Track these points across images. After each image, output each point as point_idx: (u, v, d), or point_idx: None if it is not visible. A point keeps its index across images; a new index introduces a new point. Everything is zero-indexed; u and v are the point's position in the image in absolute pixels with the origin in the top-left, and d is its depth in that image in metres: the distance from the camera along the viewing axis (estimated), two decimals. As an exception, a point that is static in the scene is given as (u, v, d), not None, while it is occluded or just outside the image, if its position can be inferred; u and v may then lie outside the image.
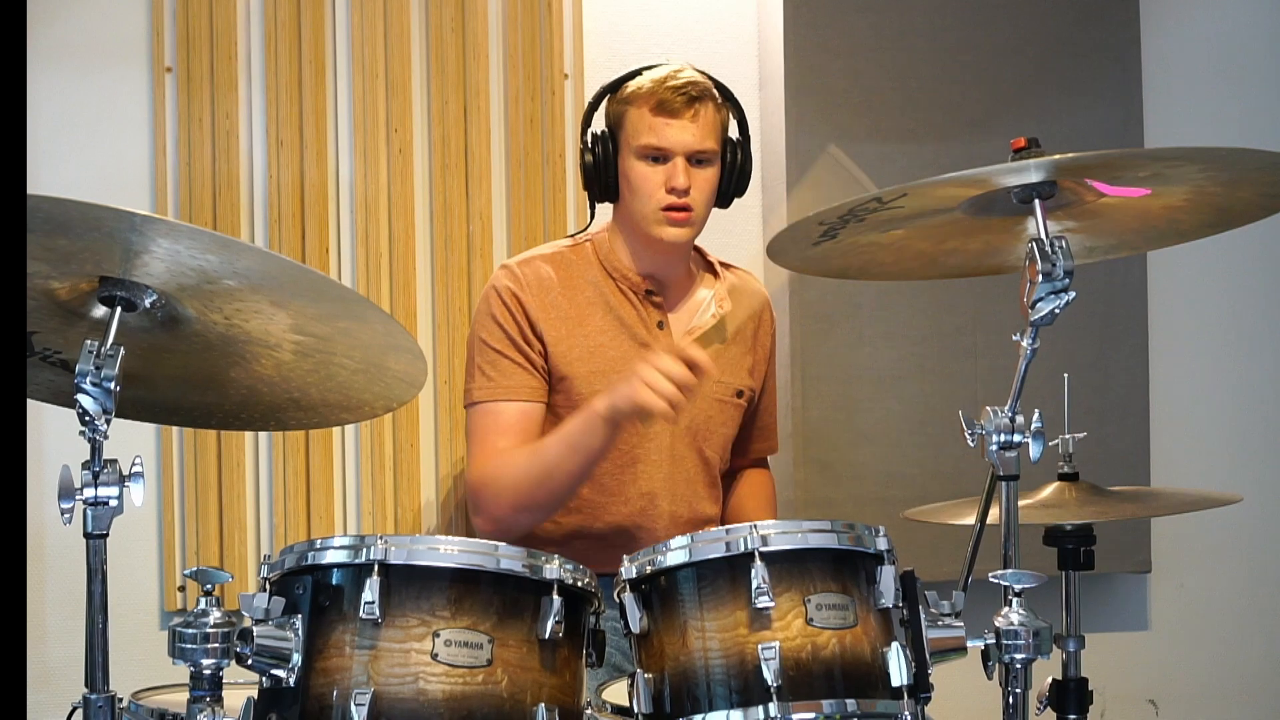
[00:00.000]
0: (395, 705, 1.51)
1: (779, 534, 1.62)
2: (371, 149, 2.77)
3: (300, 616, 1.55)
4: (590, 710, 1.65)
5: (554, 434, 2.23)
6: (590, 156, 2.34)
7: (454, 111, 2.80)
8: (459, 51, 2.81)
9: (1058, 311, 1.71)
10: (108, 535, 1.59)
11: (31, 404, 1.85)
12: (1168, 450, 3.11)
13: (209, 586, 1.54)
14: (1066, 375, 2.22)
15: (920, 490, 2.59)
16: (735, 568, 1.61)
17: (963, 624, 1.70)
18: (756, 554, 1.59)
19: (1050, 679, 2.16)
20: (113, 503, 1.58)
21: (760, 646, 1.56)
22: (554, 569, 1.60)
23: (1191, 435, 3.20)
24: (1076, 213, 1.90)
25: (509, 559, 1.58)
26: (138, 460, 1.60)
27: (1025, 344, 1.76)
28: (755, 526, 1.62)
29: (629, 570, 1.67)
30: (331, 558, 1.58)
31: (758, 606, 1.58)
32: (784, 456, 2.77)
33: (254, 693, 1.56)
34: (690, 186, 2.29)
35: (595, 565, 1.71)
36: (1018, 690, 1.73)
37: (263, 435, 2.71)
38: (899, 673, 1.59)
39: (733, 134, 2.38)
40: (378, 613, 1.52)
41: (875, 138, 2.91)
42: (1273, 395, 3.27)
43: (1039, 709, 2.13)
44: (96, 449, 1.58)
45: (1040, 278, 1.70)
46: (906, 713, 1.59)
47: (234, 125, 2.72)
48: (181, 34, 2.70)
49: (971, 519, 1.92)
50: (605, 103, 2.36)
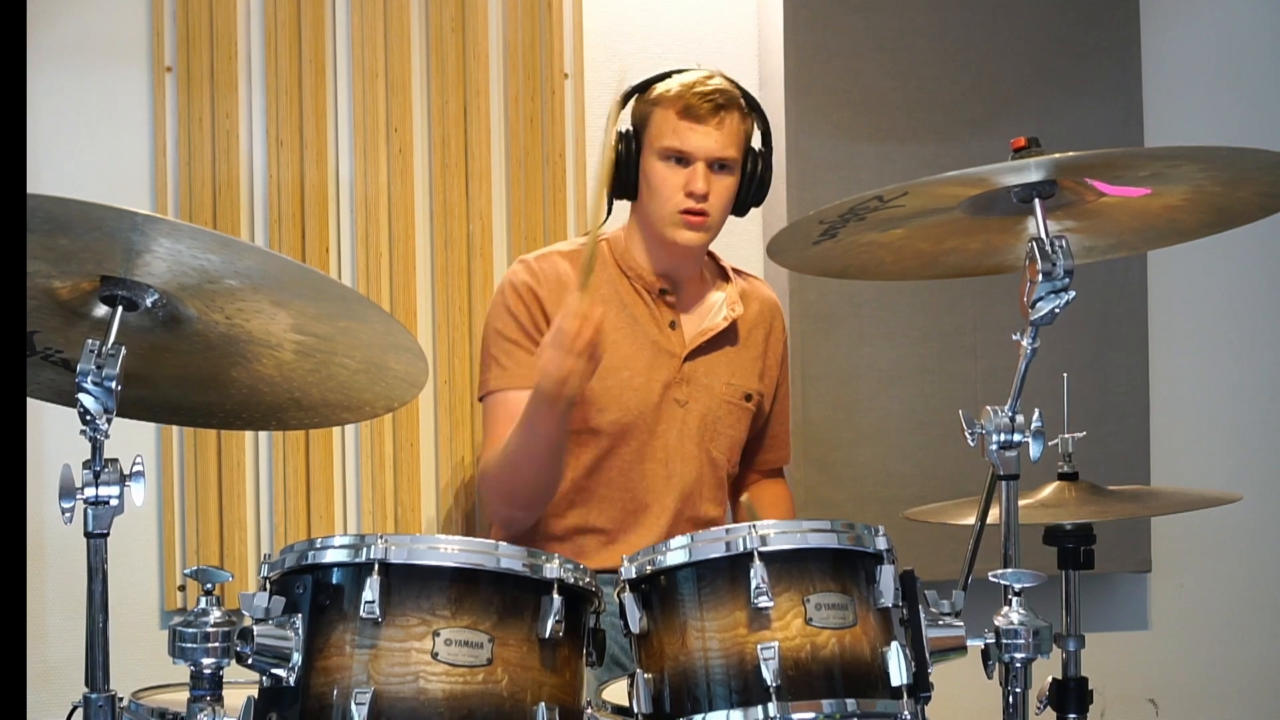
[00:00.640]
0: (395, 704, 1.51)
1: (778, 534, 1.62)
2: (371, 149, 2.77)
3: (300, 616, 1.55)
4: (590, 710, 1.66)
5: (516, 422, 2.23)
6: (615, 155, 2.34)
7: (454, 111, 2.80)
8: (459, 51, 2.81)
9: (1058, 311, 1.72)
10: (108, 534, 1.59)
11: (32, 403, 1.86)
12: (1167, 450, 3.11)
13: (209, 586, 1.54)
14: (1066, 375, 2.22)
15: (920, 490, 2.59)
16: (735, 567, 1.61)
17: (963, 623, 1.70)
18: (756, 554, 1.59)
19: (1050, 678, 2.16)
20: (113, 502, 1.58)
21: (760, 646, 1.57)
22: (554, 568, 1.60)
23: (1191, 435, 3.20)
24: (1076, 212, 1.90)
25: (509, 558, 1.58)
26: (138, 460, 1.60)
27: (1025, 344, 1.76)
28: (755, 526, 1.62)
29: (629, 570, 1.67)
30: (332, 557, 1.58)
31: (757, 606, 1.58)
32: (784, 456, 2.77)
33: (254, 692, 1.56)
34: (709, 192, 2.30)
35: (597, 563, 1.71)
36: (1018, 690, 1.73)
37: (263, 435, 2.72)
38: (899, 672, 1.59)
39: (755, 144, 2.39)
40: (378, 612, 1.52)
41: (875, 138, 2.91)
42: (1273, 395, 3.27)
43: (1039, 708, 2.13)
44: (97, 448, 1.58)
45: (1040, 277, 1.71)
46: (906, 712, 1.59)
47: (234, 125, 2.72)
48: (181, 34, 2.70)
49: (971, 519, 1.92)
50: (634, 102, 2.36)
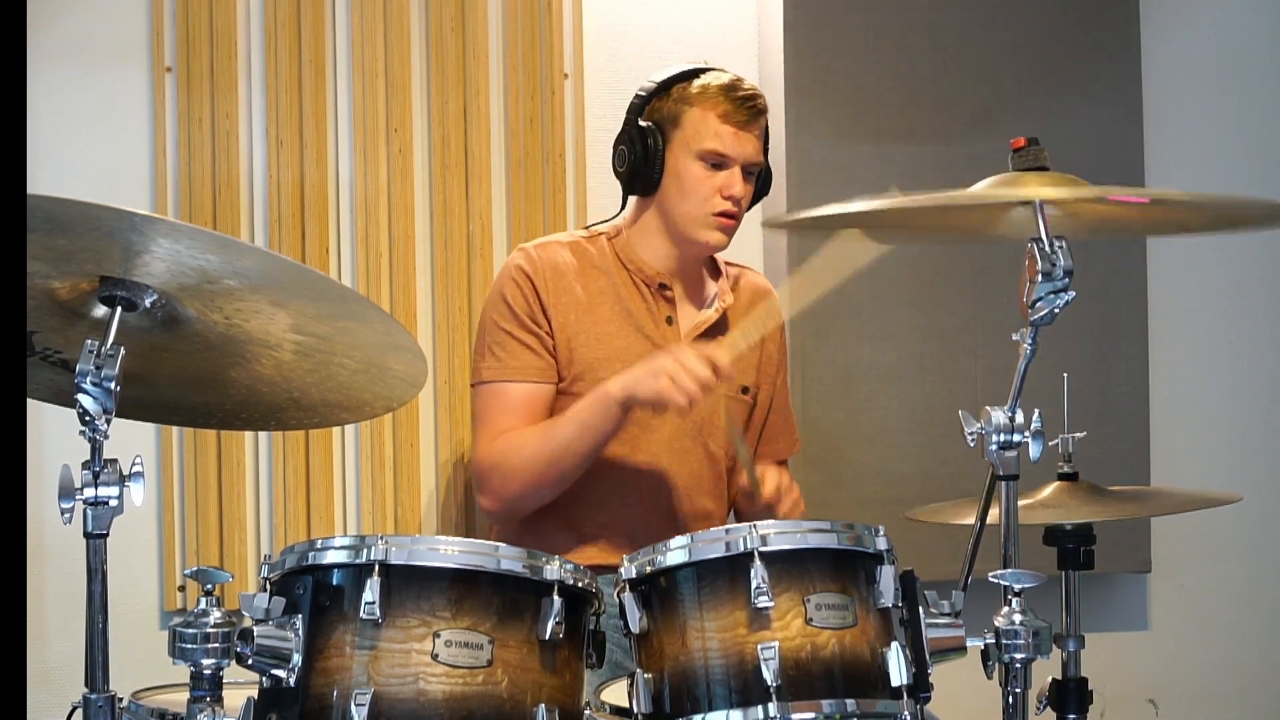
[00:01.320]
0: (395, 705, 1.51)
1: (778, 534, 1.62)
2: (371, 149, 2.77)
3: (300, 616, 1.55)
4: (590, 711, 1.66)
5: (565, 415, 2.25)
6: (638, 149, 2.34)
7: (454, 111, 2.80)
8: (459, 51, 2.81)
9: (1057, 311, 1.72)
10: (108, 535, 1.59)
11: (31, 404, 1.85)
12: (1168, 450, 3.11)
13: (209, 586, 1.54)
14: (1066, 375, 2.22)
15: (920, 490, 2.59)
16: (735, 567, 1.61)
17: (962, 624, 1.70)
18: (756, 554, 1.59)
19: (1050, 679, 2.16)
20: (113, 502, 1.58)
21: (760, 646, 1.56)
22: (554, 569, 1.60)
23: (1191, 435, 3.19)
24: (1077, 210, 1.89)
25: (509, 559, 1.58)
26: (138, 460, 1.60)
27: (1025, 344, 1.76)
28: (755, 526, 1.62)
29: (628, 570, 1.67)
30: (332, 558, 1.58)
31: (757, 606, 1.58)
32: (784, 456, 2.77)
33: (254, 693, 1.56)
34: (743, 195, 2.33)
35: (596, 559, 1.71)
36: (1017, 690, 1.73)
37: (263, 435, 2.71)
38: (898, 673, 1.59)
39: None
40: (378, 613, 1.52)
41: (875, 138, 2.91)
42: (1273, 395, 3.27)
43: (1039, 709, 2.12)
44: (96, 449, 1.58)
45: (1040, 277, 1.71)
46: (906, 712, 1.59)
47: (234, 125, 2.72)
48: (181, 34, 2.70)
49: (971, 519, 1.92)
50: (655, 98, 2.35)
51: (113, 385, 1.55)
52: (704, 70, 2.35)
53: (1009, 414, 1.77)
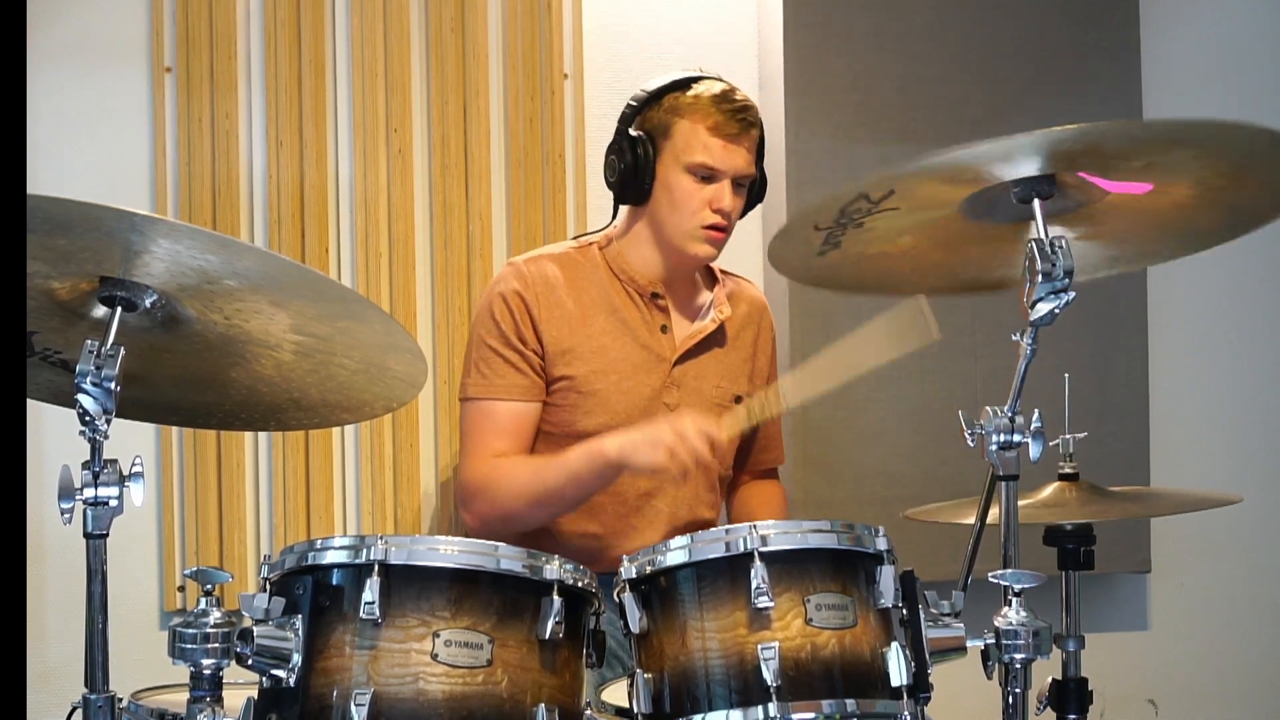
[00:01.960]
0: (395, 705, 1.51)
1: (778, 534, 1.62)
2: (371, 149, 2.77)
3: (300, 616, 1.55)
4: (590, 710, 1.66)
5: (558, 462, 2.24)
6: (628, 159, 2.32)
7: (454, 111, 2.80)
8: (459, 51, 2.81)
9: (1058, 311, 1.71)
10: (108, 535, 1.59)
11: (31, 404, 1.85)
12: (1168, 450, 3.11)
13: (209, 586, 1.54)
14: (1066, 375, 2.22)
15: (920, 490, 2.59)
16: (735, 568, 1.61)
17: (962, 624, 1.70)
18: (756, 554, 1.59)
19: (1050, 679, 2.16)
20: (113, 503, 1.58)
21: (760, 646, 1.57)
22: (554, 569, 1.60)
23: (1191, 435, 3.20)
24: (1084, 216, 1.88)
25: (509, 559, 1.58)
26: (138, 460, 1.60)
27: (1025, 344, 1.76)
28: (755, 526, 1.62)
29: (629, 570, 1.67)
30: (332, 558, 1.58)
31: (757, 606, 1.58)
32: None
33: (254, 693, 1.56)
34: (733, 208, 2.32)
35: (593, 565, 1.71)
36: (1017, 690, 1.73)
37: (263, 435, 2.71)
38: (898, 673, 1.59)
39: None
40: (378, 613, 1.52)
41: (875, 138, 2.91)
42: (1273, 395, 3.27)
43: (1039, 709, 2.13)
44: (96, 449, 1.58)
45: (1040, 278, 1.70)
46: (906, 713, 1.59)
47: (234, 125, 2.72)
48: (181, 34, 2.70)
49: (971, 519, 1.92)
50: (646, 108, 2.33)
51: (113, 385, 1.55)
52: (697, 79, 2.33)
53: (1009, 414, 1.77)
